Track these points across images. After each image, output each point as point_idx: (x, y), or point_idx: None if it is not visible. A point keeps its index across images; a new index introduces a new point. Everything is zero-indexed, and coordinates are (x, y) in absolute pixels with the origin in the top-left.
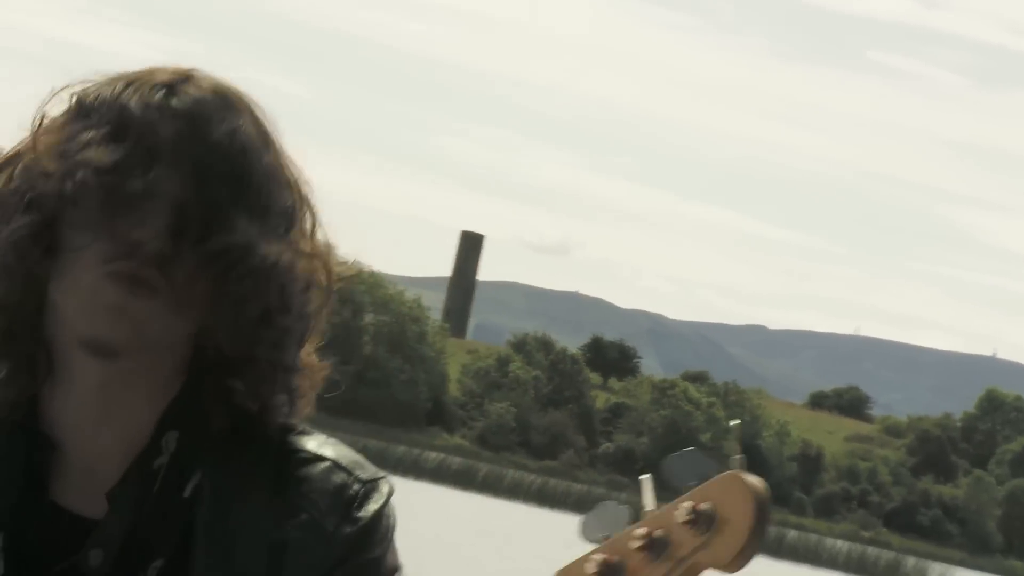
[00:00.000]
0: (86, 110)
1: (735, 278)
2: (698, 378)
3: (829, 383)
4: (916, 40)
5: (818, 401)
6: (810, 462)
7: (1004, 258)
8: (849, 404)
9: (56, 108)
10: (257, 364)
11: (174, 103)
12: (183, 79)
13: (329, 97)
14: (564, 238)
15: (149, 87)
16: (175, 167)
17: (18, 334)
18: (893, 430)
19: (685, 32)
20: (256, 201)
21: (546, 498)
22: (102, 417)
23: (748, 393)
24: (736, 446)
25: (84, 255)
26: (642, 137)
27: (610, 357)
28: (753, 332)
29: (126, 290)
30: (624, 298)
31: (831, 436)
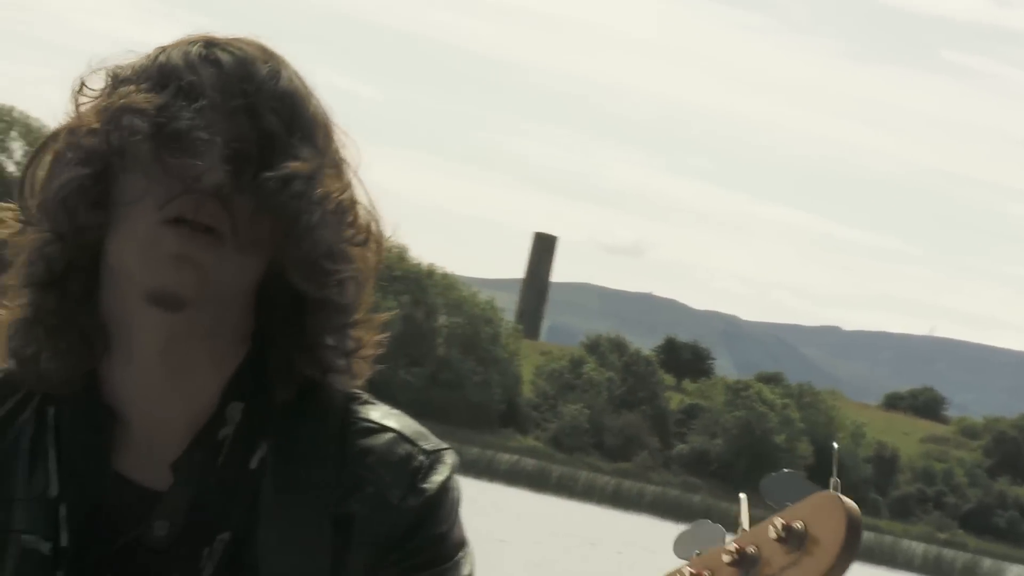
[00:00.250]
0: (125, 78)
1: (809, 279)
2: (772, 379)
3: (904, 384)
4: (990, 39)
5: (893, 402)
6: (885, 463)
7: None
8: (924, 405)
9: (95, 84)
10: (321, 312)
11: (216, 52)
12: (219, 40)
13: (401, 99)
14: (638, 239)
15: (187, 43)
16: (225, 104)
17: (70, 309)
18: (969, 431)
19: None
20: (311, 136)
21: (620, 500)
22: (166, 385)
23: (822, 394)
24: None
25: (140, 204)
26: (716, 138)
27: (684, 358)
28: (827, 333)
29: (187, 235)
30: (698, 299)
31: (906, 437)
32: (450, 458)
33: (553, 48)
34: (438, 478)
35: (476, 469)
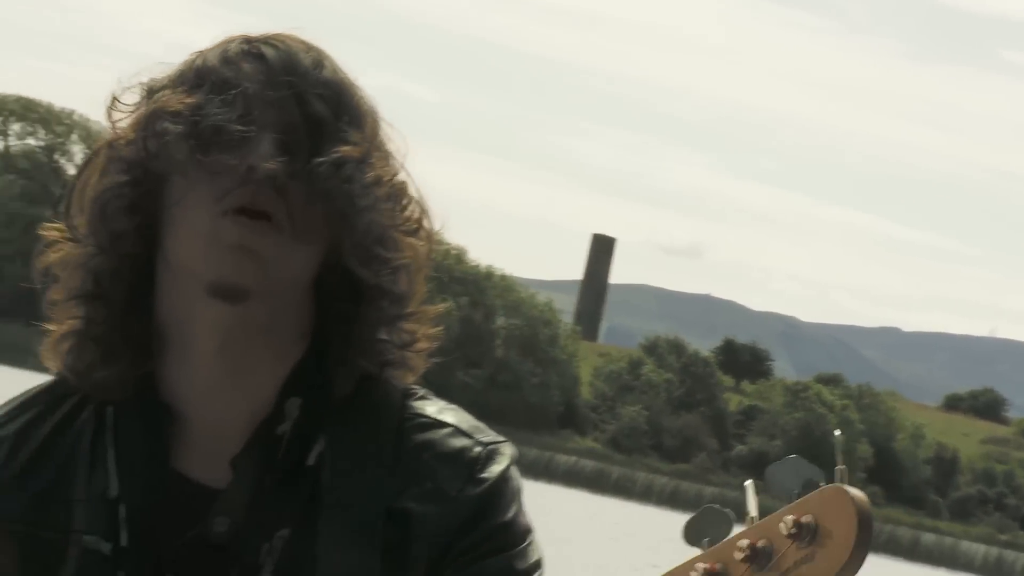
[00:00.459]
0: (160, 87)
1: (868, 280)
2: (831, 381)
3: (964, 385)
4: None
5: (953, 403)
6: (945, 465)
7: None
8: (985, 406)
9: (130, 99)
10: (375, 302)
11: (258, 47)
12: (260, 36)
13: (460, 101)
14: (696, 240)
15: (225, 42)
16: (270, 94)
17: (118, 318)
18: None
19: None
20: (359, 122)
21: (678, 501)
22: (225, 382)
23: (882, 396)
24: (840, 456)
25: (196, 201)
26: (775, 139)
27: (742, 360)
28: (887, 334)
29: (245, 226)
30: (756, 300)
31: (966, 439)
32: (508, 449)
33: (612, 49)
34: (496, 468)
35: (535, 471)
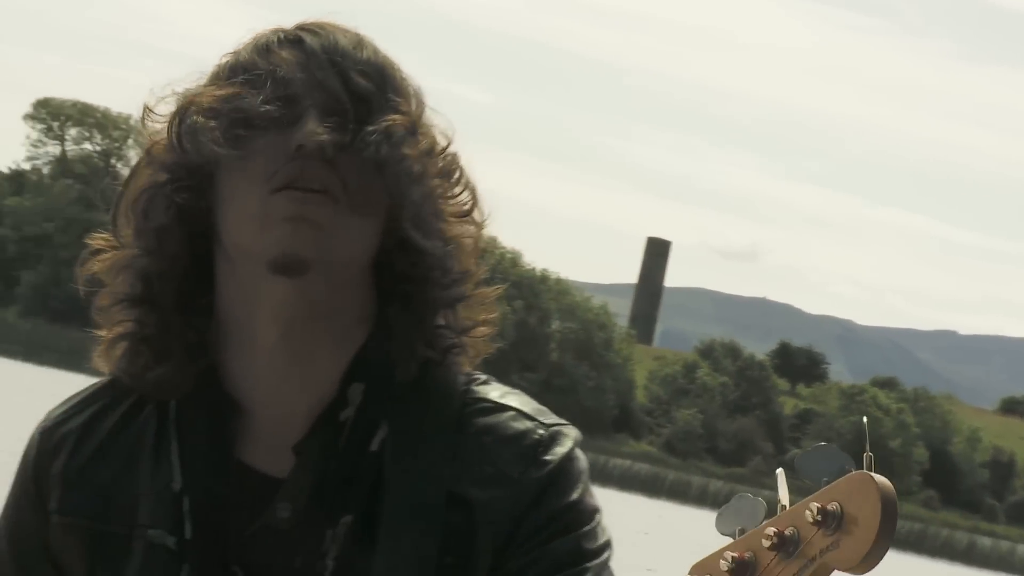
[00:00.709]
0: (193, 91)
1: (925, 283)
2: (887, 384)
3: (1021, 388)
4: None
5: (1010, 407)
6: (1002, 468)
7: None
8: None
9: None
10: (433, 282)
11: (296, 33)
12: (296, 26)
13: (515, 104)
14: (752, 244)
15: (259, 36)
16: (313, 74)
17: (168, 319)
18: None
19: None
20: (404, 94)
21: None
22: (288, 370)
23: (938, 399)
24: (866, 443)
25: (243, 186)
26: (830, 141)
27: (798, 363)
28: (943, 337)
29: (297, 198)
30: (812, 304)
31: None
32: (572, 432)
33: (667, 52)
34: (560, 450)
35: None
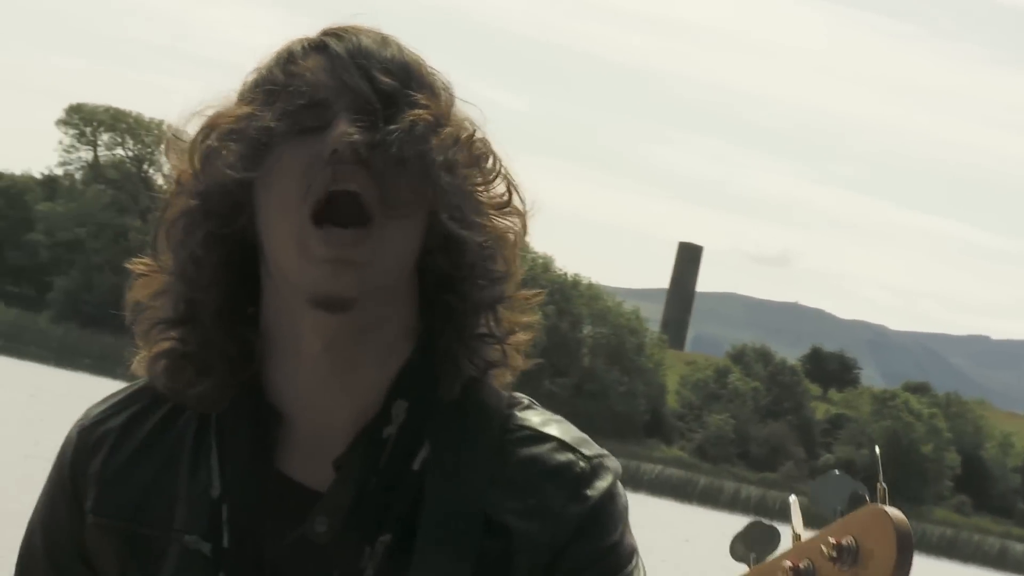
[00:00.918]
0: (242, 91)
1: (957, 288)
2: (919, 389)
3: None
4: None
5: None
6: None
7: None
8: None
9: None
10: (476, 279)
11: (321, 39)
12: (320, 32)
13: (547, 109)
14: (784, 249)
15: (283, 48)
16: (339, 89)
17: (208, 337)
18: None
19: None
20: (430, 87)
21: (765, 510)
22: (331, 383)
23: (970, 404)
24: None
25: (279, 204)
26: (862, 146)
27: (830, 368)
28: (976, 342)
29: (335, 239)
30: (844, 308)
31: None
32: (612, 464)
33: (698, 57)
34: (602, 484)
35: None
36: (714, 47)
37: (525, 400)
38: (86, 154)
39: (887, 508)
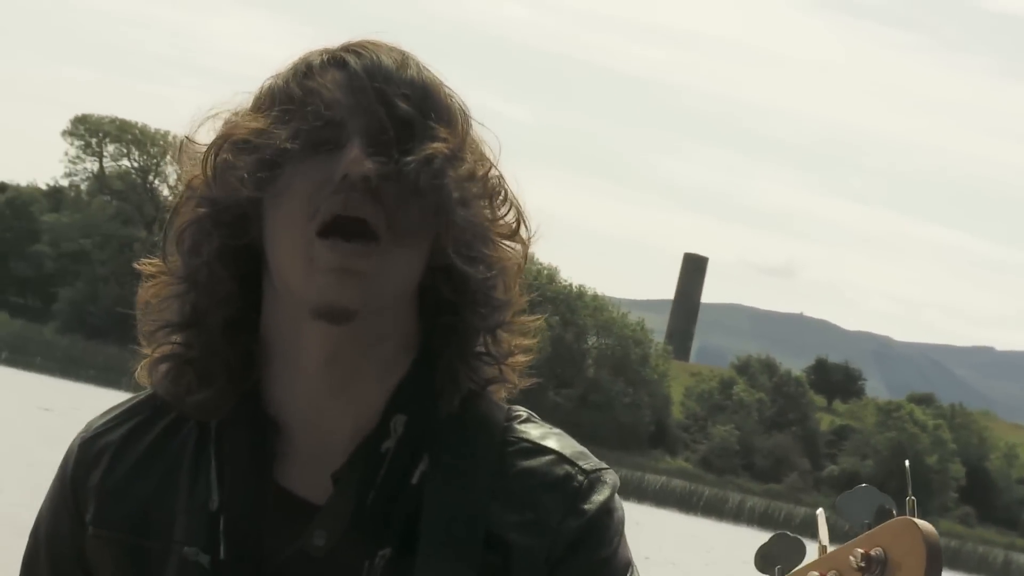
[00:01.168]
0: (255, 102)
1: (962, 299)
2: (924, 400)
3: None
4: None
5: None
6: None
7: None
8: None
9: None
10: (476, 308)
11: (339, 55)
12: (341, 46)
13: (550, 120)
14: (789, 259)
15: (301, 59)
16: (354, 109)
17: (212, 343)
18: None
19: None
20: (448, 119)
21: (770, 521)
22: (331, 396)
23: (975, 415)
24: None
25: (286, 220)
26: (867, 157)
27: (835, 379)
28: (981, 353)
29: (341, 249)
30: (849, 319)
31: None
32: (610, 478)
33: (704, 68)
34: (599, 498)
35: (625, 491)
36: (721, 58)
37: (524, 413)
38: (92, 165)
39: (917, 520)
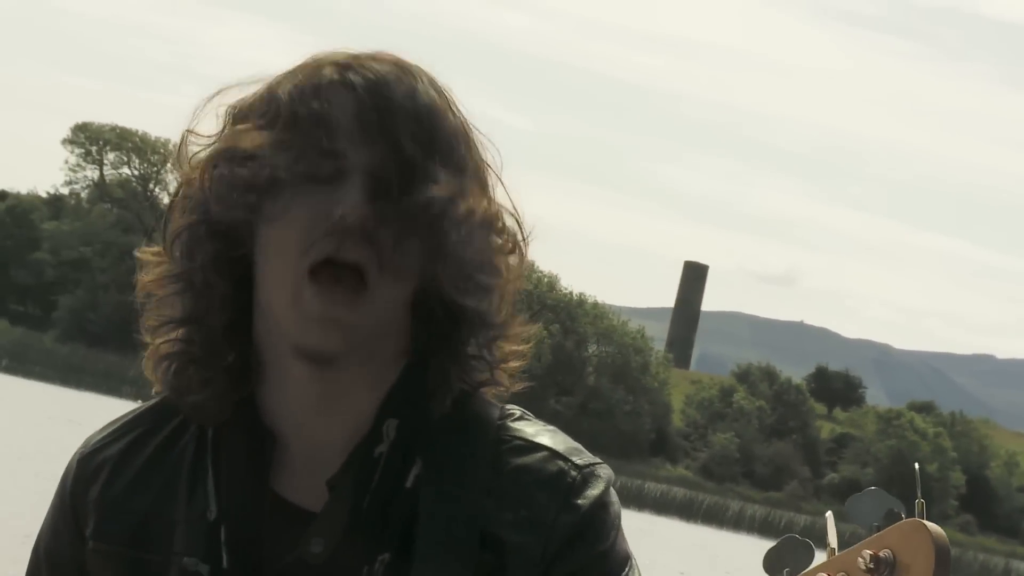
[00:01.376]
0: (239, 115)
1: (962, 307)
2: (924, 408)
3: None
4: None
5: None
6: None
7: None
8: None
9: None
10: (472, 324)
11: (346, 75)
12: (350, 58)
13: (550, 128)
14: (789, 268)
15: (313, 68)
16: (360, 139)
17: (214, 343)
18: None
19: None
20: (450, 157)
21: (770, 529)
22: (322, 409)
23: (976, 423)
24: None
25: (278, 247)
26: (867, 165)
27: (835, 387)
28: (981, 361)
29: (328, 297)
30: (850, 328)
31: None
32: (604, 472)
33: (705, 76)
34: (593, 492)
35: (625, 498)
36: (721, 66)
37: (517, 411)
38: (92, 173)
39: (926, 522)
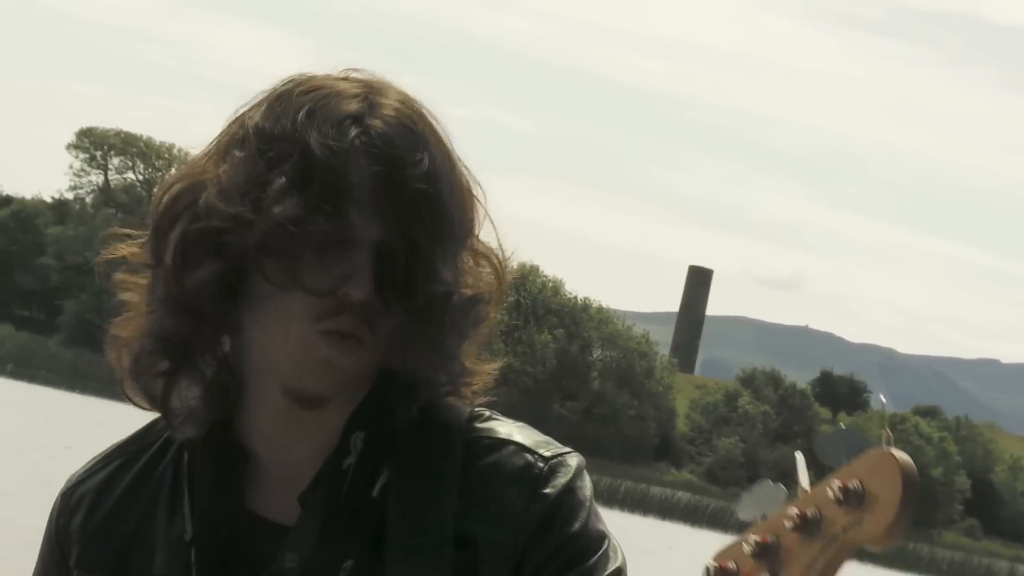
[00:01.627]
0: (267, 142)
1: (967, 311)
2: (929, 413)
3: None
4: None
5: None
6: None
7: None
8: None
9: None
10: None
11: (362, 141)
12: (366, 105)
13: (555, 132)
14: (794, 272)
15: (333, 120)
16: (372, 213)
17: (201, 364)
18: None
19: (914, 63)
20: (450, 235)
21: None
22: (294, 424)
23: (980, 428)
24: (887, 433)
25: (292, 307)
26: (872, 169)
27: (840, 392)
28: (986, 366)
29: (337, 345)
30: (854, 332)
31: None
32: (574, 460)
33: (708, 80)
34: (561, 481)
35: (630, 503)
36: (725, 70)
37: (486, 412)
38: (96, 178)
39: (893, 450)
